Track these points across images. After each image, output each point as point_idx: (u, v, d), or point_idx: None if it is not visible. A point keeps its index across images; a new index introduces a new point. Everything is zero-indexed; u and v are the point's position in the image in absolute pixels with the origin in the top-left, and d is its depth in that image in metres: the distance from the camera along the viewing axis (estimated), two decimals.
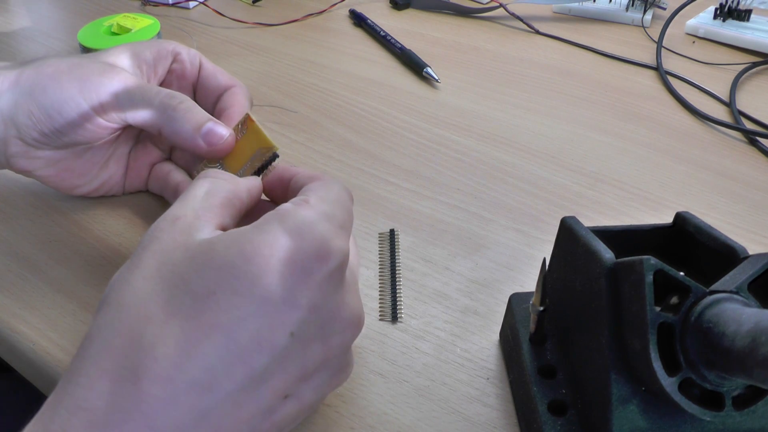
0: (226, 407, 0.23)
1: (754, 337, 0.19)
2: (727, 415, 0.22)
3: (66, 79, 0.35)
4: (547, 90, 0.57)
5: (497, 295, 0.36)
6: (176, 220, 0.25)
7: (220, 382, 0.22)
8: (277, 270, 0.23)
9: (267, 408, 0.24)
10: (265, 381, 0.23)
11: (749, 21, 0.65)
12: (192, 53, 0.40)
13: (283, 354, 0.23)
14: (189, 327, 0.22)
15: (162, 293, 0.23)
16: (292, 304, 0.23)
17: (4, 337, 0.34)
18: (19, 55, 0.62)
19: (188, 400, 0.22)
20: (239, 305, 0.23)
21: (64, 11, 0.71)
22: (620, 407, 0.24)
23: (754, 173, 0.47)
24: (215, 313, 0.22)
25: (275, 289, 0.23)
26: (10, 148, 0.37)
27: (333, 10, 0.72)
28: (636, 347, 0.23)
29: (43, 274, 0.37)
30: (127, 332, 0.23)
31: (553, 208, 0.43)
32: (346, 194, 0.28)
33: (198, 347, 0.22)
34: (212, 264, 0.23)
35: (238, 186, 0.29)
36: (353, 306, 0.26)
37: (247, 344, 0.23)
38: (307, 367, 0.24)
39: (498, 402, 0.31)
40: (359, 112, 0.53)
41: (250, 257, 0.23)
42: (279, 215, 0.25)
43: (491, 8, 0.70)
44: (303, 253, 0.24)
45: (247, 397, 0.23)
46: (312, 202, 0.26)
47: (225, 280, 0.23)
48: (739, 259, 0.25)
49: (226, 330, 0.22)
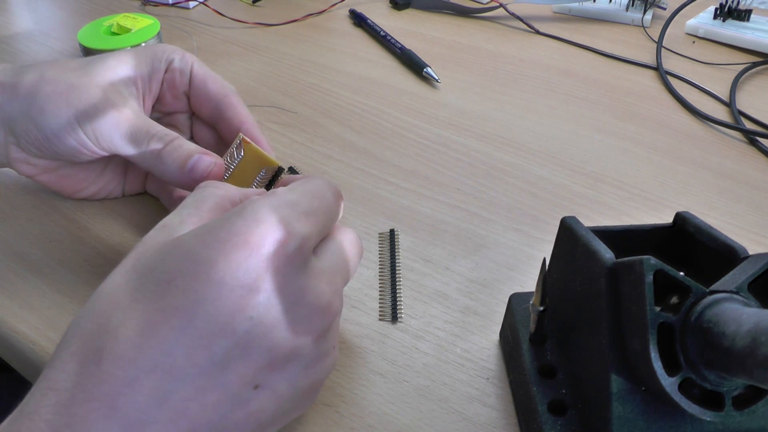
0: (189, 391, 0.23)
1: (754, 337, 0.19)
2: (727, 415, 0.22)
3: (63, 103, 0.35)
4: (547, 90, 0.57)
5: (497, 295, 0.36)
6: (163, 227, 0.27)
7: (181, 365, 0.23)
8: (233, 254, 0.24)
9: (235, 395, 0.24)
10: (228, 366, 0.23)
11: (749, 21, 0.65)
12: (185, 60, 0.40)
13: (244, 338, 0.23)
14: (149, 310, 0.23)
15: (131, 282, 0.24)
16: (249, 288, 0.24)
17: (4, 337, 0.34)
18: (19, 55, 0.62)
19: (149, 382, 0.22)
20: (197, 289, 0.23)
21: (64, 11, 0.71)
22: (620, 407, 0.24)
23: (754, 173, 0.47)
24: (174, 297, 0.23)
25: (232, 272, 0.23)
26: (11, 154, 0.38)
27: (333, 10, 0.72)
28: (636, 347, 0.23)
29: (43, 274, 0.37)
30: (96, 318, 0.24)
31: (553, 208, 0.43)
32: (326, 188, 0.29)
33: (157, 330, 0.23)
34: (175, 252, 0.24)
35: (230, 191, 0.29)
36: (319, 292, 0.26)
37: (206, 328, 0.23)
38: (275, 355, 0.24)
39: (498, 402, 0.31)
40: (359, 112, 0.53)
41: (208, 243, 0.24)
42: (242, 205, 0.26)
43: (491, 8, 0.70)
44: (259, 236, 0.24)
45: (211, 382, 0.23)
46: (278, 192, 0.27)
47: (184, 266, 0.24)
48: (739, 259, 0.25)
49: (184, 313, 0.23)
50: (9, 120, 0.36)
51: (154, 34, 0.58)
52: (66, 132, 0.35)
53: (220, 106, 0.40)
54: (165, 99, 0.40)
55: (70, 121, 0.35)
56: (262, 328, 0.24)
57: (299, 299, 0.25)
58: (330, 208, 0.29)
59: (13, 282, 0.37)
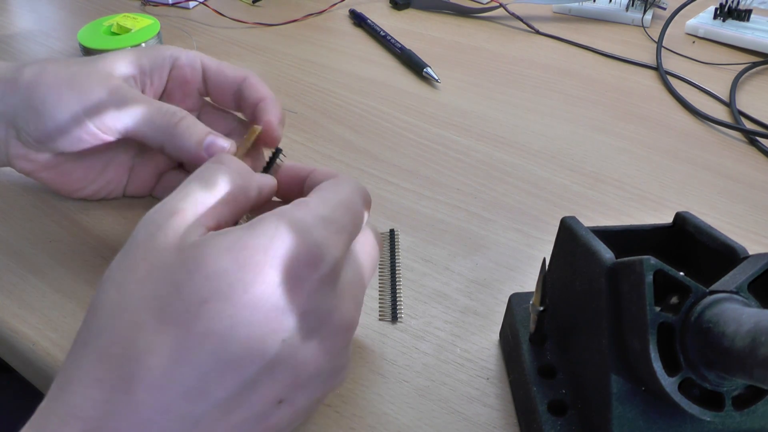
0: (218, 413, 0.23)
1: (754, 337, 0.19)
2: (727, 415, 0.22)
3: (66, 89, 0.35)
4: (547, 90, 0.57)
5: (497, 295, 0.36)
6: (174, 214, 0.25)
7: (212, 390, 0.22)
8: (269, 277, 0.23)
9: (259, 414, 0.24)
10: (256, 388, 0.23)
11: (749, 21, 0.65)
12: (191, 56, 0.40)
13: (274, 360, 0.23)
14: (181, 335, 0.22)
15: (154, 300, 0.23)
16: (283, 311, 0.23)
17: (4, 337, 0.34)
18: (20, 55, 0.62)
19: (180, 408, 0.22)
20: (231, 314, 0.22)
21: (64, 11, 0.71)
22: (620, 407, 0.24)
23: (754, 173, 0.47)
24: (208, 322, 0.22)
25: (268, 297, 0.23)
26: (11, 149, 0.37)
27: (333, 10, 0.72)
28: (636, 347, 0.23)
29: (43, 274, 0.37)
30: (120, 340, 0.22)
31: (553, 208, 0.43)
32: (357, 195, 0.28)
33: (190, 356, 0.22)
34: (205, 270, 0.23)
35: (250, 182, 0.28)
36: (345, 310, 0.26)
37: (239, 352, 0.22)
38: (299, 374, 0.24)
39: (498, 402, 0.31)
40: (359, 112, 0.53)
41: (243, 264, 0.23)
42: (274, 218, 0.24)
43: (491, 8, 0.70)
44: (296, 260, 0.24)
45: (238, 403, 0.23)
46: (312, 204, 0.26)
47: (218, 288, 0.23)
48: (739, 259, 0.25)
49: (218, 338, 0.22)
50: (10, 113, 0.36)
51: (154, 34, 0.58)
52: (68, 116, 0.35)
53: (241, 89, 0.39)
54: (174, 97, 0.40)
55: (71, 106, 0.35)
56: (292, 350, 0.24)
57: (327, 320, 0.25)
58: (359, 219, 0.28)
59: (13, 282, 0.37)
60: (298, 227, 0.24)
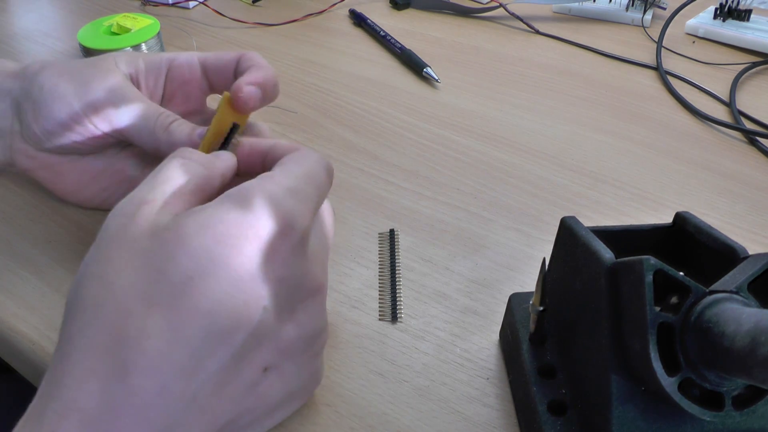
0: (212, 387, 0.23)
1: (753, 337, 0.19)
2: (727, 415, 0.22)
3: (65, 81, 0.35)
4: (547, 90, 0.57)
5: (497, 295, 0.36)
6: (143, 204, 0.25)
7: (205, 364, 0.23)
8: (246, 248, 0.24)
9: (249, 383, 0.25)
10: (245, 357, 0.24)
11: (749, 21, 0.65)
12: (188, 55, 0.39)
13: (259, 328, 0.24)
14: (171, 315, 0.23)
15: (139, 285, 0.23)
16: (262, 280, 0.24)
17: (4, 337, 0.34)
18: (20, 55, 0.62)
19: (176, 387, 0.22)
20: (215, 287, 0.23)
21: (64, 11, 0.71)
22: (620, 407, 0.24)
23: (754, 173, 0.47)
24: (195, 298, 0.23)
25: (247, 267, 0.24)
26: (15, 144, 0.38)
27: (333, 10, 0.72)
28: (636, 347, 0.23)
29: (43, 274, 0.37)
30: (109, 329, 0.23)
31: (553, 208, 0.43)
32: (320, 167, 0.29)
33: (182, 334, 0.23)
34: (185, 249, 0.23)
35: (213, 171, 0.28)
36: (315, 274, 0.27)
37: (226, 323, 0.23)
38: (282, 339, 0.26)
39: (498, 402, 0.31)
40: (359, 112, 0.53)
41: (220, 239, 0.24)
42: (244, 192, 0.25)
43: (491, 8, 0.70)
44: (269, 231, 0.24)
45: (230, 374, 0.24)
46: (277, 177, 0.26)
47: (199, 264, 0.23)
48: (739, 259, 0.25)
49: (205, 313, 0.23)
50: (16, 107, 0.37)
51: (154, 34, 0.58)
52: (64, 107, 0.35)
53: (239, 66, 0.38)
54: (176, 99, 0.40)
55: (72, 106, 0.35)
56: (273, 316, 0.25)
57: (301, 284, 0.26)
58: (324, 190, 0.29)
59: (13, 282, 0.37)
60: (268, 199, 0.25)
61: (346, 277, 0.37)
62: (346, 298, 0.36)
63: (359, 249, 0.39)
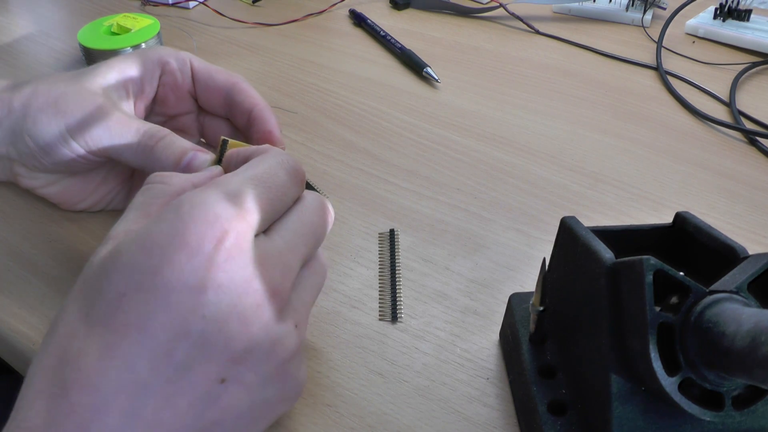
0: (159, 401, 0.23)
1: (754, 337, 0.19)
2: (727, 415, 0.22)
3: (53, 112, 0.36)
4: (547, 90, 0.57)
5: (497, 295, 0.36)
6: (108, 240, 0.26)
7: (145, 378, 0.23)
8: (175, 258, 0.24)
9: (204, 394, 0.24)
10: (191, 368, 0.24)
11: (749, 21, 0.65)
12: (181, 59, 0.39)
13: (201, 338, 0.24)
14: (105, 332, 0.23)
15: (83, 308, 0.24)
16: (196, 288, 0.23)
17: (4, 337, 0.34)
18: (20, 55, 0.62)
19: (118, 403, 0.22)
20: (147, 300, 0.23)
21: (64, 11, 0.71)
22: (620, 407, 0.24)
23: (754, 173, 0.47)
24: (126, 314, 0.23)
25: (177, 276, 0.23)
26: (14, 168, 0.39)
27: (333, 10, 0.72)
28: (636, 347, 0.23)
29: (43, 274, 0.37)
30: (56, 351, 0.24)
31: (553, 208, 0.43)
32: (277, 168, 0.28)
33: (116, 349, 0.23)
34: (118, 266, 0.24)
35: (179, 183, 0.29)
36: (267, 277, 0.25)
37: (163, 335, 0.23)
38: (233, 347, 0.24)
39: (498, 402, 0.31)
40: (359, 112, 0.53)
41: (149, 250, 0.24)
42: (177, 201, 0.25)
43: (491, 8, 0.70)
44: (196, 236, 0.24)
45: (178, 387, 0.23)
46: (219, 181, 0.26)
47: (130, 279, 0.23)
48: (739, 259, 0.25)
49: (139, 327, 0.23)
50: (8, 137, 0.37)
51: (154, 34, 0.58)
52: (57, 141, 0.36)
53: (231, 95, 0.39)
54: (168, 101, 0.40)
55: (60, 130, 0.35)
56: (216, 325, 0.24)
57: (246, 289, 0.25)
58: (281, 189, 0.28)
59: (13, 282, 0.37)
60: (198, 205, 0.25)
61: (346, 277, 0.37)
62: (346, 298, 0.36)
63: (359, 249, 0.39)
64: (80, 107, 0.35)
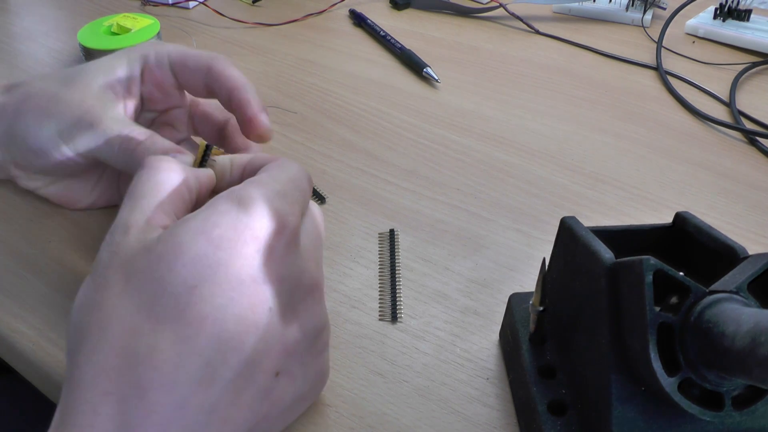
0: (229, 396, 0.23)
1: (753, 337, 0.19)
2: (727, 415, 0.22)
3: (44, 116, 0.36)
4: (547, 90, 0.57)
5: (497, 295, 0.36)
6: (128, 229, 0.25)
7: (220, 373, 0.23)
8: (245, 251, 0.24)
9: (263, 389, 0.24)
10: (257, 362, 0.24)
11: (749, 21, 0.65)
12: (160, 55, 0.38)
13: (266, 331, 0.24)
14: (178, 327, 0.23)
15: (142, 303, 0.23)
16: (264, 281, 0.24)
17: (4, 337, 0.34)
18: (20, 55, 0.62)
19: (195, 399, 0.22)
20: (219, 293, 0.23)
21: (64, 11, 0.71)
22: (620, 407, 0.24)
23: (754, 173, 0.47)
24: (200, 307, 0.23)
25: (247, 270, 0.24)
26: (11, 171, 0.39)
27: (333, 10, 0.72)
28: (636, 347, 0.23)
29: (43, 274, 0.37)
30: (118, 351, 0.22)
31: (553, 208, 0.43)
32: (301, 174, 0.29)
33: (192, 343, 0.22)
34: (183, 258, 0.23)
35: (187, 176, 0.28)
36: (311, 272, 0.27)
37: (236, 328, 0.23)
38: (288, 340, 0.25)
39: (498, 402, 0.31)
40: (359, 112, 0.53)
41: (218, 244, 0.23)
42: (234, 195, 0.25)
43: (491, 8, 0.70)
44: (265, 231, 0.24)
45: (245, 381, 0.24)
46: (264, 181, 0.27)
47: (200, 272, 0.23)
48: (739, 259, 0.25)
49: (214, 320, 0.23)
50: (4, 137, 0.37)
51: (154, 34, 0.58)
52: (49, 144, 0.36)
53: (208, 80, 0.38)
54: (154, 98, 0.39)
55: (50, 134, 0.36)
56: (278, 317, 0.25)
57: (299, 282, 0.26)
58: (306, 194, 0.29)
59: (13, 282, 0.37)
60: (258, 201, 0.25)
61: (346, 277, 0.37)
62: (346, 298, 0.36)
63: (359, 249, 0.39)
64: (70, 110, 0.36)
